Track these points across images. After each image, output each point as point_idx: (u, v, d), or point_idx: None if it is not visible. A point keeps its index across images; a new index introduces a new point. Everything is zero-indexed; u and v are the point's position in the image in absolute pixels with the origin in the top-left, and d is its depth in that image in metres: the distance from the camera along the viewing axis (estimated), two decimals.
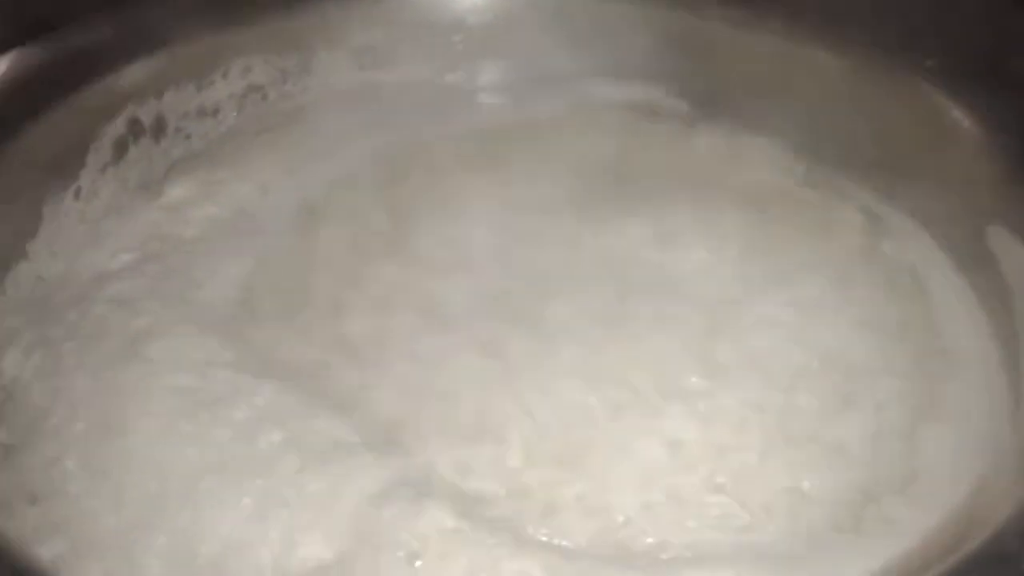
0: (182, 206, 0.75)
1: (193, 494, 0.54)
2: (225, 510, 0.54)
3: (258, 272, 0.70)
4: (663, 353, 0.61)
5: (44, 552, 0.52)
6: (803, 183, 0.74)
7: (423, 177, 0.77)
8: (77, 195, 0.73)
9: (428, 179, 0.77)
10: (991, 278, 0.64)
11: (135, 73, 0.77)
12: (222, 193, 0.76)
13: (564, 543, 0.53)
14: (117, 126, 0.76)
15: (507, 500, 0.55)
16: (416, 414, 0.59)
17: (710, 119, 0.80)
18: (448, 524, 0.53)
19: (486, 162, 0.78)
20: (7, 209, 0.69)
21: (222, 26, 0.81)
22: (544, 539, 0.53)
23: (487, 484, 0.56)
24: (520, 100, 0.84)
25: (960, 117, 0.70)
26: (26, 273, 0.69)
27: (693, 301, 0.64)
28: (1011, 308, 0.62)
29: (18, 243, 0.70)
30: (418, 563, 0.52)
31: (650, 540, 0.54)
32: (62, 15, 0.76)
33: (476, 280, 0.67)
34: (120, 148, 0.76)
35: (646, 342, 0.62)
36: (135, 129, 0.77)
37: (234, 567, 0.52)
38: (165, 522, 0.54)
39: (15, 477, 0.58)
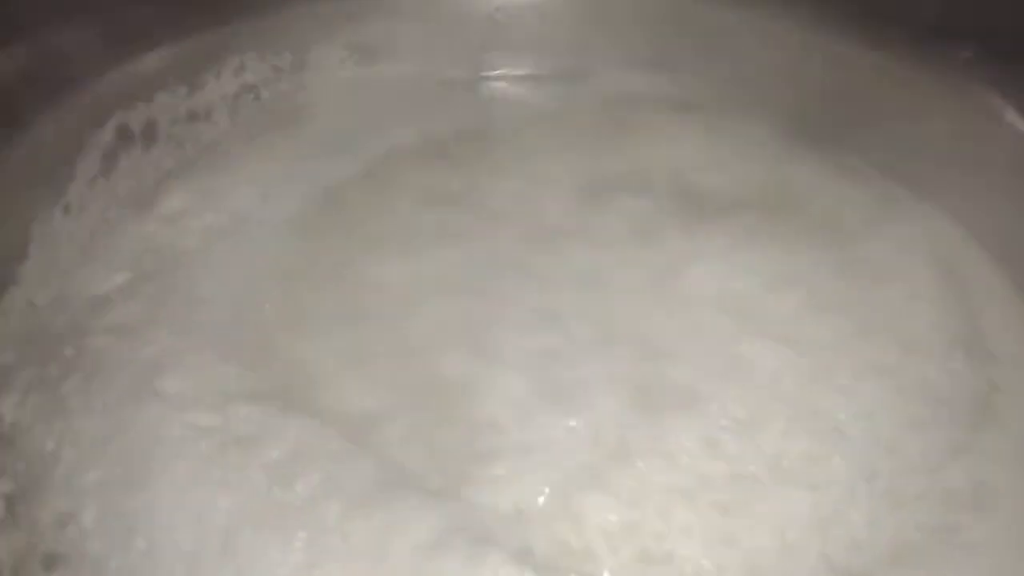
0: (178, 217, 0.70)
1: (233, 549, 0.50)
2: (270, 566, 0.49)
3: (264, 286, 0.65)
4: (767, 412, 0.57)
5: None
6: (839, 181, 0.70)
7: (428, 176, 0.73)
8: (67, 211, 0.68)
9: (433, 178, 0.73)
10: None
11: (123, 77, 0.71)
12: (219, 201, 0.71)
13: None
14: (105, 135, 0.70)
15: None
16: (460, 460, 0.54)
17: (733, 113, 0.76)
18: (512, 573, 0.49)
19: (495, 162, 0.74)
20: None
21: (213, 23, 0.75)
22: None
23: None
24: (529, 94, 0.80)
25: (1001, 108, 0.67)
26: (17, 300, 0.64)
27: (786, 342, 0.60)
28: None
29: (8, 267, 0.64)
30: None
31: None
32: (38, 16, 0.69)
33: (506, 297, 0.63)
34: (109, 158, 0.71)
35: (750, 398, 0.57)
36: (125, 137, 0.71)
37: None
38: None
39: (25, 536, 0.53)
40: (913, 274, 0.64)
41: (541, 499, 0.52)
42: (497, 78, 0.80)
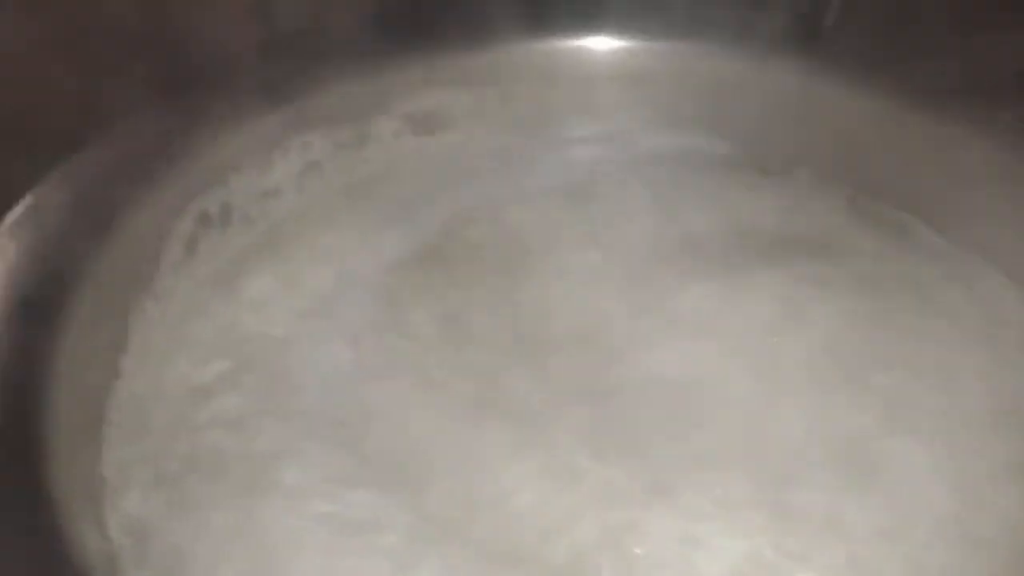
0: (262, 302, 0.73)
1: None
2: None
3: (358, 367, 0.69)
4: (907, 523, 0.58)
5: None
6: (896, 243, 0.74)
7: (502, 244, 0.76)
8: (157, 300, 0.71)
9: (507, 246, 0.76)
10: None
11: (200, 164, 0.75)
12: (299, 281, 0.74)
13: None
14: (186, 222, 0.74)
15: None
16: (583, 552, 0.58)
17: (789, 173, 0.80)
18: None
19: (558, 222, 0.77)
20: (99, 325, 0.67)
21: (279, 105, 0.78)
22: None
23: None
24: (584, 155, 0.83)
25: None
26: (123, 393, 0.67)
27: (910, 433, 0.61)
28: None
29: (111, 360, 0.67)
30: None
31: None
32: (118, 113, 0.72)
33: (602, 377, 0.66)
34: (191, 245, 0.74)
35: (890, 507, 0.59)
36: (204, 222, 0.75)
37: None
38: None
39: None
40: (988, 341, 0.67)
41: None
42: (551, 142, 0.83)
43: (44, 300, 0.64)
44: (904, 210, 0.76)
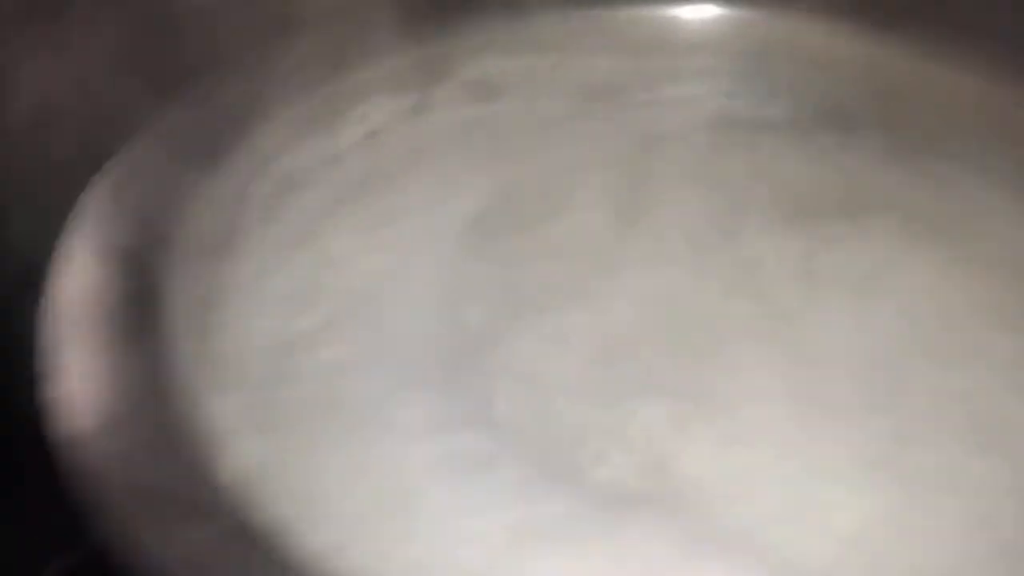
0: (343, 259, 0.74)
1: (518, 563, 0.54)
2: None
3: (445, 318, 0.70)
4: None
5: None
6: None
7: (566, 207, 0.77)
8: (238, 259, 0.72)
9: (572, 210, 0.77)
10: None
11: (273, 129, 0.75)
12: (377, 240, 0.75)
13: None
14: (265, 185, 0.74)
15: None
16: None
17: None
18: None
19: (629, 190, 0.78)
20: (187, 286, 0.67)
21: (343, 73, 0.79)
22: None
23: None
24: (641, 121, 0.84)
25: None
26: (220, 346, 0.67)
27: None
28: None
29: (202, 320, 0.68)
30: None
31: None
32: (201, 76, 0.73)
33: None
34: (271, 208, 0.75)
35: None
36: (280, 185, 0.75)
37: None
38: None
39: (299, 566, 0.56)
40: None
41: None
42: (616, 109, 0.85)
43: (130, 267, 0.65)
44: (978, 174, 0.76)
